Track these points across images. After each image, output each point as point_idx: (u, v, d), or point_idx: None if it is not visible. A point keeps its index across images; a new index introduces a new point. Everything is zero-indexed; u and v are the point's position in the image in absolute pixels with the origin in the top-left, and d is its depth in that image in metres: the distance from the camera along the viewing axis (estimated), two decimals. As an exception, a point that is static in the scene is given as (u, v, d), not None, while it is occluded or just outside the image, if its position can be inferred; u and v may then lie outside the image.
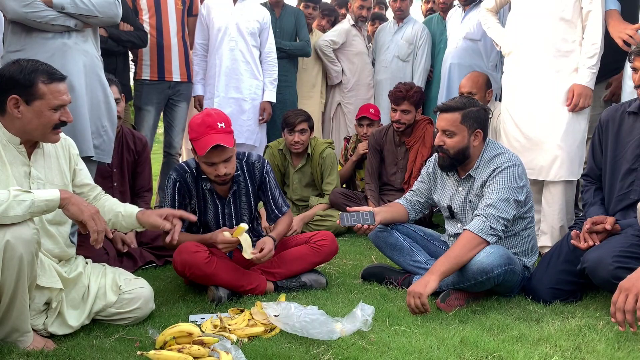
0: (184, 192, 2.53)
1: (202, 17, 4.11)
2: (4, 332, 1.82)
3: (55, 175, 2.08)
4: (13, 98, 1.90)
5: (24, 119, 1.92)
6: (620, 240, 2.21)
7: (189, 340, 1.84)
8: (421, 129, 3.85)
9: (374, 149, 3.97)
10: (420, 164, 3.78)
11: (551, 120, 3.05)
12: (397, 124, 3.80)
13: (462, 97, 2.52)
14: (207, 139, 2.32)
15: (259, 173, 2.62)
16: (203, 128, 2.35)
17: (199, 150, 2.35)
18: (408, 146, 3.87)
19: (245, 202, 2.63)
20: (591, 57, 2.94)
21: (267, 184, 2.63)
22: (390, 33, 4.88)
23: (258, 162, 2.62)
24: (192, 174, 2.53)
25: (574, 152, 3.03)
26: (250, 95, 4.14)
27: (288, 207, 2.71)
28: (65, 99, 1.98)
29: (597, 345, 1.91)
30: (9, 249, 1.68)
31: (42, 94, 1.92)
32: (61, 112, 1.97)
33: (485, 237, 2.26)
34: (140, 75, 3.93)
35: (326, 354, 1.84)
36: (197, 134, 2.36)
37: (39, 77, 1.91)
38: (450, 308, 2.26)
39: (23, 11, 2.43)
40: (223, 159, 2.37)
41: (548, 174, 3.07)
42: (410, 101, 3.75)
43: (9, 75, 1.91)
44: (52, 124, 1.96)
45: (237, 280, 2.41)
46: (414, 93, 3.76)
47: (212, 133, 2.33)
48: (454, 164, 2.48)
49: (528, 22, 3.13)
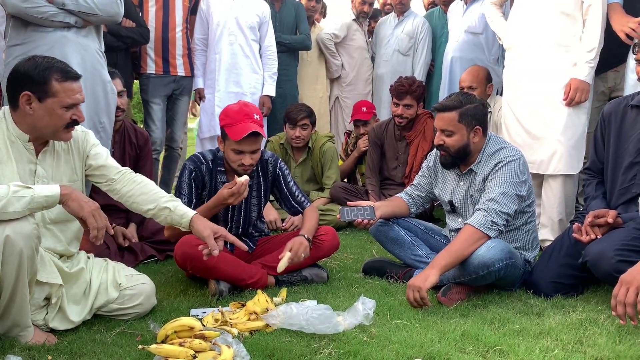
0: (199, 183, 2.54)
1: (202, 11, 4.10)
2: (5, 327, 1.83)
3: (64, 174, 2.06)
4: (25, 94, 1.89)
5: (36, 116, 1.91)
6: (622, 234, 2.20)
7: (190, 335, 1.84)
8: (422, 123, 3.84)
9: (374, 143, 3.96)
10: (421, 158, 3.77)
11: (551, 115, 3.04)
12: (400, 119, 3.79)
13: (458, 95, 2.50)
14: (244, 125, 2.35)
15: (271, 170, 2.62)
16: (241, 115, 2.38)
17: (234, 135, 2.35)
18: (409, 140, 3.86)
19: (255, 198, 2.63)
20: (590, 52, 2.93)
21: (282, 180, 2.63)
22: (390, 27, 4.86)
23: (271, 159, 2.63)
24: (208, 166, 2.54)
25: (574, 146, 3.03)
26: (250, 89, 4.13)
27: (310, 202, 2.70)
28: (79, 97, 1.96)
29: (598, 338, 1.91)
30: (8, 243, 1.68)
31: (55, 92, 1.90)
32: (73, 111, 1.95)
33: (487, 232, 2.26)
34: (145, 69, 3.92)
35: (327, 347, 1.84)
36: (234, 120, 2.38)
37: (53, 75, 1.90)
38: (452, 302, 2.26)
39: (23, 6, 2.42)
40: (252, 150, 2.40)
41: (547, 167, 3.07)
42: (413, 95, 3.74)
43: (24, 71, 1.89)
44: (64, 123, 1.94)
45: (239, 273, 2.41)
46: (417, 87, 3.75)
47: (248, 121, 2.37)
48: (456, 161, 2.48)
49: (529, 16, 3.12)
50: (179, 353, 1.73)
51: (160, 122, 4.01)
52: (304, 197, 2.69)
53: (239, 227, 2.63)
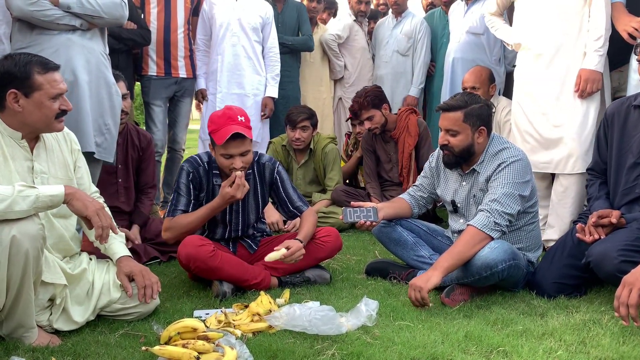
0: (196, 184, 2.53)
1: (204, 12, 4.11)
2: (10, 328, 1.83)
3: (59, 169, 2.08)
4: (12, 92, 1.90)
5: (25, 112, 1.92)
6: (625, 234, 2.20)
7: (194, 336, 1.84)
8: (404, 119, 3.84)
9: (367, 150, 3.98)
10: (409, 153, 3.79)
11: (565, 114, 3.02)
12: (373, 131, 3.80)
13: (463, 95, 2.49)
14: (227, 128, 2.33)
15: (269, 174, 2.61)
16: (224, 119, 2.37)
17: (218, 139, 2.34)
18: (395, 139, 3.86)
19: (253, 201, 2.62)
20: (597, 40, 2.91)
21: (279, 184, 2.62)
22: (388, 28, 4.88)
23: (269, 162, 2.62)
24: (205, 168, 2.54)
25: (589, 143, 2.99)
26: (253, 91, 4.14)
27: (308, 206, 2.67)
28: (63, 87, 1.98)
29: (601, 339, 1.91)
30: (15, 244, 1.68)
31: (40, 85, 1.91)
32: (60, 101, 1.97)
33: (490, 233, 2.26)
34: (147, 71, 3.93)
35: (330, 348, 1.84)
36: (217, 125, 2.37)
37: (34, 68, 1.91)
38: (455, 303, 2.26)
39: (29, 9, 2.43)
40: (241, 152, 2.38)
41: (565, 167, 3.03)
42: (367, 108, 3.73)
43: (4, 70, 1.90)
44: (54, 113, 1.96)
45: (242, 274, 2.41)
46: (366, 98, 3.72)
47: (232, 124, 2.35)
48: (459, 161, 2.47)
49: (534, 16, 3.11)
50: (182, 354, 1.73)
51: (162, 124, 4.01)
52: (302, 201, 2.66)
53: (237, 229, 2.62)
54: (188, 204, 2.50)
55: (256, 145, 4.26)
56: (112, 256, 2.15)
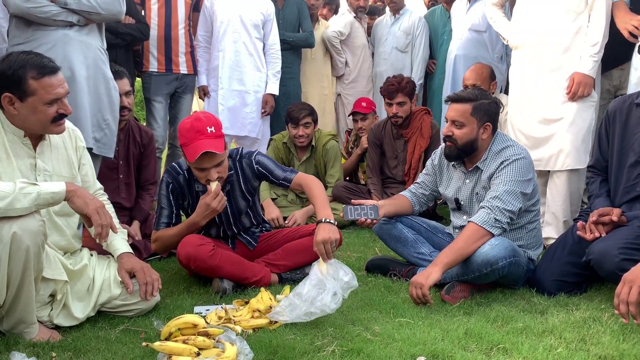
0: (177, 194, 2.50)
1: (206, 8, 4.11)
2: (10, 323, 1.83)
3: (63, 167, 2.08)
4: (6, 96, 1.87)
5: (21, 115, 1.90)
6: (626, 232, 2.20)
7: (194, 332, 1.84)
8: (418, 119, 3.84)
9: (373, 143, 3.97)
10: (419, 155, 3.78)
11: (558, 112, 3.03)
12: (395, 118, 3.79)
13: (474, 89, 2.50)
14: (197, 144, 2.21)
15: (250, 170, 2.53)
16: (192, 133, 2.24)
17: (189, 157, 2.25)
18: (406, 138, 3.86)
19: (242, 201, 2.56)
20: (594, 46, 2.93)
21: (265, 172, 2.51)
22: (387, 25, 4.89)
23: (246, 159, 2.51)
24: (184, 176, 2.48)
25: (582, 140, 3.02)
26: (254, 87, 4.14)
27: (296, 172, 2.52)
28: (60, 91, 1.92)
29: (601, 337, 1.91)
30: (15, 240, 1.68)
31: (34, 90, 1.86)
32: (58, 105, 1.92)
33: (490, 229, 2.26)
34: (147, 67, 3.92)
35: (331, 345, 1.84)
36: (187, 139, 2.25)
37: (28, 73, 1.85)
38: (455, 300, 2.26)
39: (25, 6, 2.42)
40: (214, 164, 2.28)
41: (555, 163, 3.06)
42: (404, 92, 3.74)
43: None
44: (49, 118, 1.92)
45: (242, 272, 2.41)
46: (406, 84, 3.75)
47: (201, 138, 2.22)
48: (461, 155, 2.47)
49: (533, 14, 3.11)
50: (182, 350, 1.73)
51: (163, 120, 4.01)
52: (287, 170, 2.52)
53: (231, 228, 2.60)
54: (170, 216, 2.49)
55: (257, 142, 4.27)
56: (113, 252, 2.15)
